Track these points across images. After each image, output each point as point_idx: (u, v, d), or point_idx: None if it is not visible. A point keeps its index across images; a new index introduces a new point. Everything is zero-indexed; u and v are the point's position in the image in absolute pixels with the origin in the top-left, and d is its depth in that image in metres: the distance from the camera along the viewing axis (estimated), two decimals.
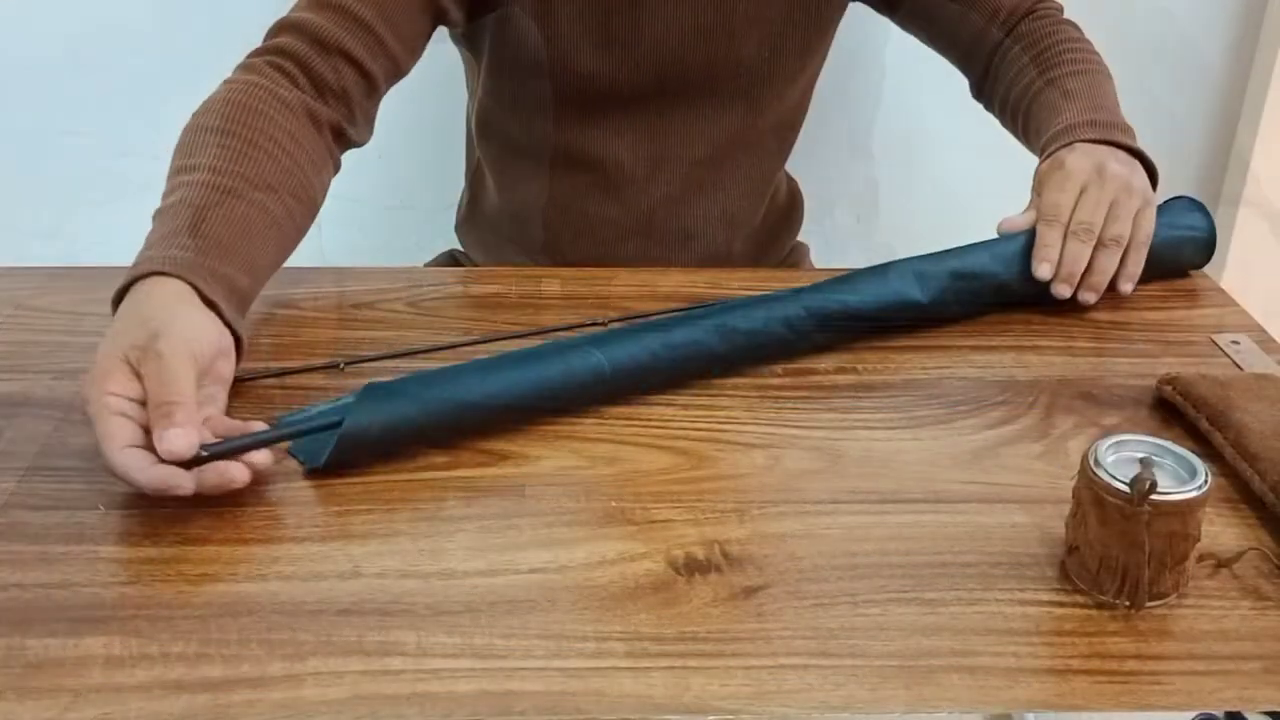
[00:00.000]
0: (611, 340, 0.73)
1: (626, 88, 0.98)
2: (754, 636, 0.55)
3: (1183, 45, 1.41)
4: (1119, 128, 0.90)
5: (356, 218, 1.43)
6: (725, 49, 0.97)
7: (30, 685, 0.51)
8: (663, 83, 0.98)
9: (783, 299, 0.79)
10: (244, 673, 0.52)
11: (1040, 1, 1.04)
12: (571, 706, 0.51)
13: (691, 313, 0.78)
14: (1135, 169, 0.87)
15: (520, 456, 0.69)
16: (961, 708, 0.52)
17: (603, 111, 1.00)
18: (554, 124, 1.00)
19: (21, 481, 0.65)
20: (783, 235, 1.18)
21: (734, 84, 1.00)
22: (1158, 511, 0.56)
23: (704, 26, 0.96)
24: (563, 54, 0.96)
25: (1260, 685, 0.54)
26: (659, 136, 1.01)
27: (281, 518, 0.63)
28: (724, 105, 1.01)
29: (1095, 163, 0.86)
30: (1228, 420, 0.69)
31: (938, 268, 0.83)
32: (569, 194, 1.04)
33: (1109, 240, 0.84)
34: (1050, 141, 0.91)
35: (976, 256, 0.84)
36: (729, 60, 0.98)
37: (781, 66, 1.01)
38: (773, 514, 0.64)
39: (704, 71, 0.98)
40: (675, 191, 1.03)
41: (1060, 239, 0.84)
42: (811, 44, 1.02)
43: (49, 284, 0.88)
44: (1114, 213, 0.84)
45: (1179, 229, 0.91)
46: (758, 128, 1.04)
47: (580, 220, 1.04)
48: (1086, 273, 0.84)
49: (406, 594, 0.57)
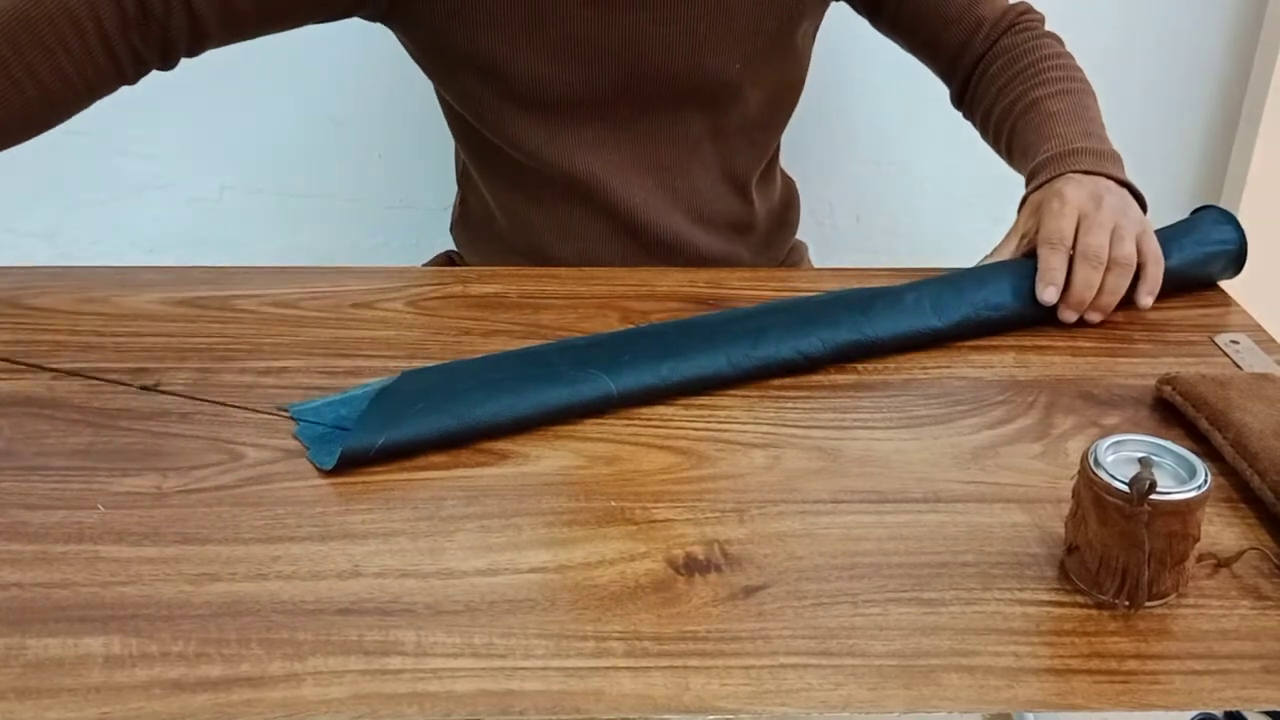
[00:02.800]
0: (622, 367, 0.74)
1: (586, 95, 0.97)
2: (754, 636, 0.55)
3: (1183, 45, 1.41)
4: (1108, 157, 0.90)
5: (356, 218, 1.43)
6: (691, 59, 0.96)
7: (30, 685, 0.51)
8: (626, 91, 0.97)
9: (796, 328, 0.78)
10: (244, 672, 0.52)
11: (1022, 14, 1.03)
12: (571, 706, 0.51)
13: (702, 324, 0.78)
14: (1128, 199, 0.88)
15: (520, 456, 0.69)
16: (961, 707, 0.52)
17: (565, 119, 0.98)
18: (517, 131, 0.99)
19: (21, 481, 0.65)
20: (780, 235, 1.18)
21: (698, 91, 0.99)
22: (1157, 511, 0.56)
23: (668, 36, 0.95)
24: (502, 59, 0.94)
25: (1260, 685, 0.54)
26: (625, 144, 1.00)
27: (281, 517, 0.63)
28: (688, 110, 1.00)
29: (1090, 192, 0.86)
30: (1227, 420, 0.69)
31: (956, 299, 0.82)
32: (547, 198, 1.03)
33: (1116, 262, 0.84)
34: (1041, 168, 0.90)
35: (996, 289, 0.84)
36: (695, 70, 0.97)
37: (750, 74, 1.00)
38: (772, 513, 0.64)
39: (669, 80, 0.97)
40: (649, 196, 1.02)
41: (1065, 263, 0.83)
42: (783, 52, 1.01)
43: (49, 284, 0.88)
44: (1117, 235, 0.84)
45: (1210, 244, 0.90)
46: (725, 130, 1.03)
47: (564, 224, 1.04)
48: (1096, 295, 0.84)
49: (406, 593, 0.57)
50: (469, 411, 0.70)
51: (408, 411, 0.69)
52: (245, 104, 1.35)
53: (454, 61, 0.96)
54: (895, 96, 1.42)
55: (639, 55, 0.95)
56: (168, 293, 0.87)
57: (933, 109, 1.11)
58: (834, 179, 1.46)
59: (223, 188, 1.40)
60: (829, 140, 1.44)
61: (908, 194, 1.49)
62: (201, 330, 0.82)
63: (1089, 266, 0.83)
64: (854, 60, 1.38)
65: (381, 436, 0.67)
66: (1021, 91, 0.97)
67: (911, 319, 0.81)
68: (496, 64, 0.94)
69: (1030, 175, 0.92)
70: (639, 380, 0.73)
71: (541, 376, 0.72)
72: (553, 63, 0.95)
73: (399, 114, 1.38)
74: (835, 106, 1.42)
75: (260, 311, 0.84)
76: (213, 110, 1.35)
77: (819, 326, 0.79)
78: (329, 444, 0.68)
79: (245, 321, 0.83)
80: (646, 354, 0.75)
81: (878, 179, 1.48)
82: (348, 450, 0.66)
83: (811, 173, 1.07)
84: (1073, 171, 0.88)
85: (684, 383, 0.75)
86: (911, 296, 0.82)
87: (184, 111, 1.34)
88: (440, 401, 0.70)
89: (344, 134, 1.38)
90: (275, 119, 1.37)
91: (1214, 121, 1.45)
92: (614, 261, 1.02)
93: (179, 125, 1.34)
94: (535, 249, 1.05)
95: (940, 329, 0.81)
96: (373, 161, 1.41)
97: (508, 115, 0.98)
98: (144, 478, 0.66)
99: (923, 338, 0.81)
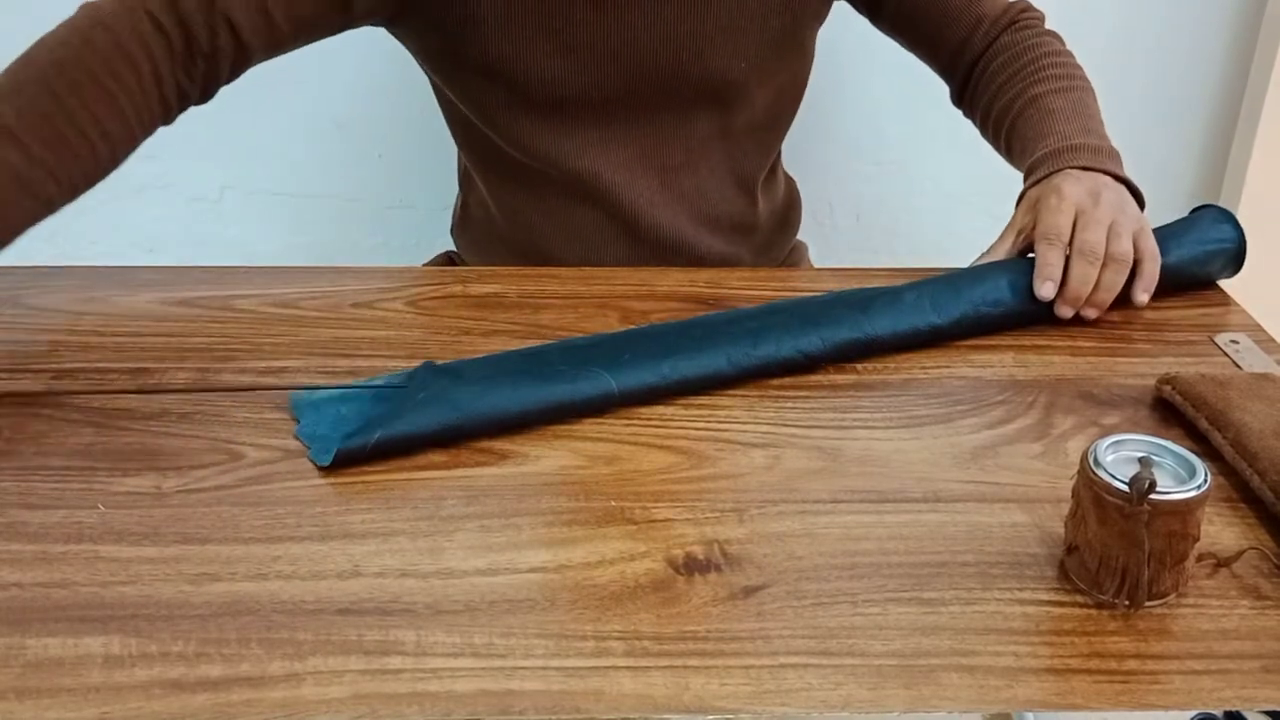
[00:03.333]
0: (623, 365, 0.74)
1: (593, 94, 0.97)
2: (753, 636, 0.55)
3: (1183, 45, 1.41)
4: (1106, 153, 0.90)
5: (356, 217, 1.43)
6: (697, 58, 0.96)
7: (29, 685, 0.51)
8: (634, 91, 0.97)
9: (796, 327, 0.78)
10: (243, 672, 0.52)
11: (1023, 11, 1.03)
12: (571, 706, 0.51)
13: (702, 324, 0.78)
14: (1126, 195, 0.88)
15: (520, 456, 0.69)
16: (960, 707, 0.52)
17: (573, 120, 0.98)
18: (524, 131, 0.99)
19: (21, 481, 0.65)
20: (782, 236, 1.18)
21: (706, 91, 0.99)
22: (1157, 511, 0.56)
23: (675, 35, 0.95)
24: (512, 61, 0.94)
25: (1259, 685, 0.54)
26: (631, 143, 1.00)
27: (281, 517, 0.63)
28: (696, 110, 1.00)
29: (1088, 188, 0.86)
30: (1227, 420, 0.69)
31: (955, 297, 0.82)
32: (550, 199, 1.03)
33: (1113, 258, 0.84)
34: (1040, 164, 0.90)
35: (995, 285, 0.84)
36: (700, 69, 0.97)
37: (756, 73, 1.00)
38: (772, 513, 0.64)
39: (675, 80, 0.97)
40: (655, 196, 1.03)
41: (1062, 259, 0.84)
42: (789, 51, 1.01)
43: (49, 284, 0.88)
44: (1114, 231, 0.84)
45: (1209, 243, 0.90)
46: (733, 130, 1.03)
47: (566, 225, 1.04)
48: (1093, 290, 0.84)
49: (406, 593, 0.57)
50: (469, 405, 0.70)
51: (408, 404, 0.69)
52: (245, 104, 1.34)
53: (463, 64, 0.96)
54: (895, 96, 1.42)
55: (647, 55, 0.95)
56: (168, 293, 0.87)
57: (933, 109, 1.11)
58: (834, 179, 1.46)
59: (223, 188, 1.40)
60: (829, 140, 1.44)
61: (908, 194, 1.49)
62: (201, 330, 0.82)
63: (1085, 262, 0.83)
64: (854, 60, 1.38)
65: (379, 431, 0.67)
66: (1021, 89, 0.97)
67: (911, 317, 0.81)
68: (507, 66, 0.95)
69: (1028, 171, 0.92)
70: (640, 379, 0.73)
71: (542, 374, 0.72)
72: (563, 63, 0.95)
73: (399, 115, 1.38)
74: (835, 106, 1.42)
75: (260, 311, 0.84)
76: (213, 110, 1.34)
77: (820, 326, 0.79)
78: (327, 441, 0.68)
79: (245, 321, 0.83)
80: (647, 353, 0.75)
81: (878, 179, 1.48)
82: (345, 447, 0.66)
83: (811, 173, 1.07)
84: (1071, 167, 0.88)
85: (685, 381, 0.75)
86: (911, 295, 0.82)
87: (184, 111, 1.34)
88: (440, 395, 0.70)
89: (344, 134, 1.38)
90: (275, 119, 1.37)
91: (1213, 121, 1.45)
92: (615, 263, 1.02)
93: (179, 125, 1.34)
94: (537, 251, 1.05)
95: (940, 325, 0.81)
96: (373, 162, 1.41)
97: (515, 116, 0.98)
98: (144, 477, 0.66)
99: (923, 335, 0.81)
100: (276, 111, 1.36)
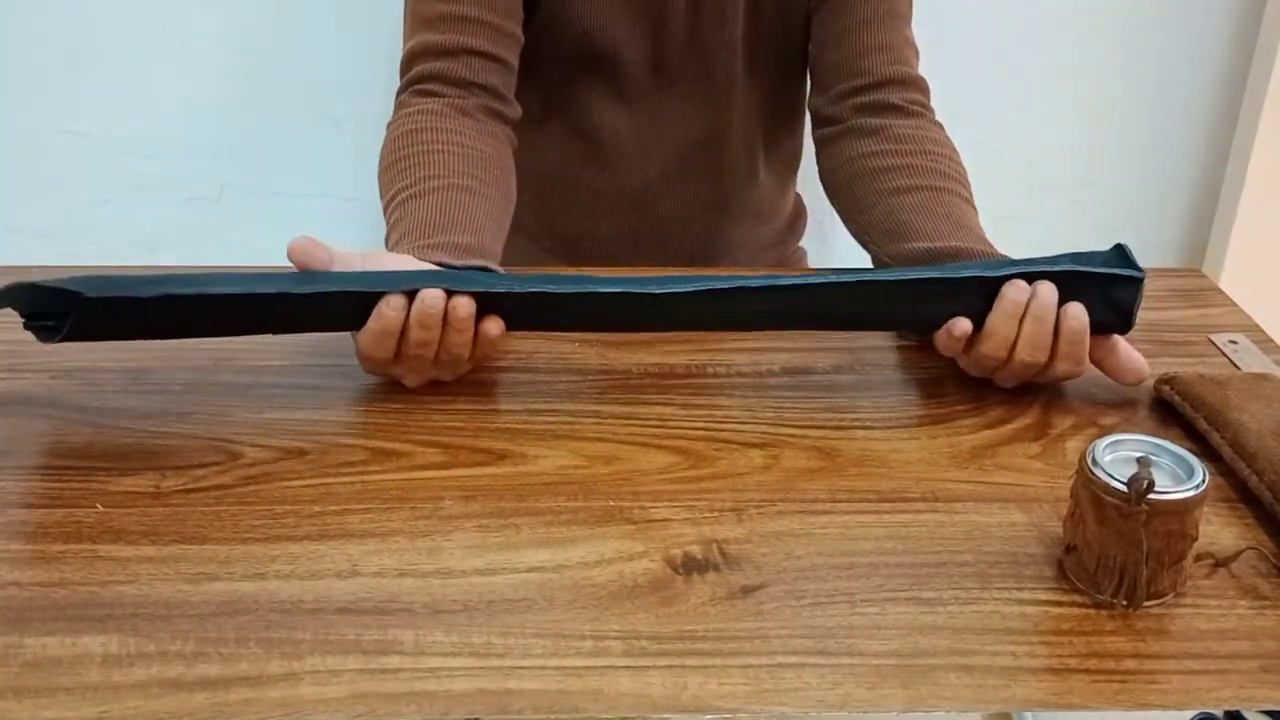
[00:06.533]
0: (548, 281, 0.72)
1: (638, 60, 0.99)
2: (752, 635, 0.55)
3: (1183, 45, 1.41)
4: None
5: (356, 218, 1.43)
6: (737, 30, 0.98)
7: (28, 684, 0.51)
8: (674, 60, 0.99)
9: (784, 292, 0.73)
10: (242, 671, 0.52)
11: (907, 88, 0.96)
12: (569, 705, 0.51)
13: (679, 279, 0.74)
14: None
15: (518, 455, 0.69)
16: (959, 707, 0.52)
17: (605, 80, 1.00)
18: (551, 84, 1.01)
19: (21, 481, 0.65)
20: (783, 246, 1.19)
21: (734, 68, 1.00)
22: (1155, 511, 0.56)
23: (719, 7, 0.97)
24: (587, 19, 0.97)
25: (1258, 684, 0.54)
26: (656, 112, 1.02)
27: (279, 516, 0.63)
28: (724, 89, 1.01)
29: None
30: (1225, 420, 0.69)
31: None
32: (560, 160, 1.05)
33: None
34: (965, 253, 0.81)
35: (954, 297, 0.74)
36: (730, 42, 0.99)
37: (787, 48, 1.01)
38: (771, 513, 0.64)
39: (712, 53, 0.99)
40: (668, 170, 1.04)
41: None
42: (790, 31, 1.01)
43: None
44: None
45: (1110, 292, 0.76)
46: (752, 117, 1.04)
47: (571, 189, 1.05)
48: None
49: (404, 593, 0.57)
50: (204, 288, 0.68)
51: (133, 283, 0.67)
52: (245, 104, 1.35)
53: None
54: None
55: (692, 24, 0.98)
56: None
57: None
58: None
59: (223, 188, 1.40)
60: None
61: None
62: None
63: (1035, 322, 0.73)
64: None
65: (99, 292, 0.66)
66: (910, 179, 0.90)
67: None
68: (578, 24, 0.97)
69: (951, 252, 0.82)
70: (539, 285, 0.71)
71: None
72: (626, 27, 0.97)
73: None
74: None
75: None
76: (213, 110, 1.35)
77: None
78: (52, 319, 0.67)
79: None
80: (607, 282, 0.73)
81: None
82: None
83: (811, 177, 1.07)
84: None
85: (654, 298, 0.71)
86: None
87: (184, 111, 1.34)
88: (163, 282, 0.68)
89: (344, 134, 1.38)
90: (275, 118, 1.37)
91: (1214, 121, 1.45)
92: (614, 237, 1.05)
93: (179, 125, 1.34)
94: (537, 216, 1.06)
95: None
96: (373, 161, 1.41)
97: (553, 72, 1.00)
98: (142, 477, 0.66)
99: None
100: (277, 111, 1.36)
